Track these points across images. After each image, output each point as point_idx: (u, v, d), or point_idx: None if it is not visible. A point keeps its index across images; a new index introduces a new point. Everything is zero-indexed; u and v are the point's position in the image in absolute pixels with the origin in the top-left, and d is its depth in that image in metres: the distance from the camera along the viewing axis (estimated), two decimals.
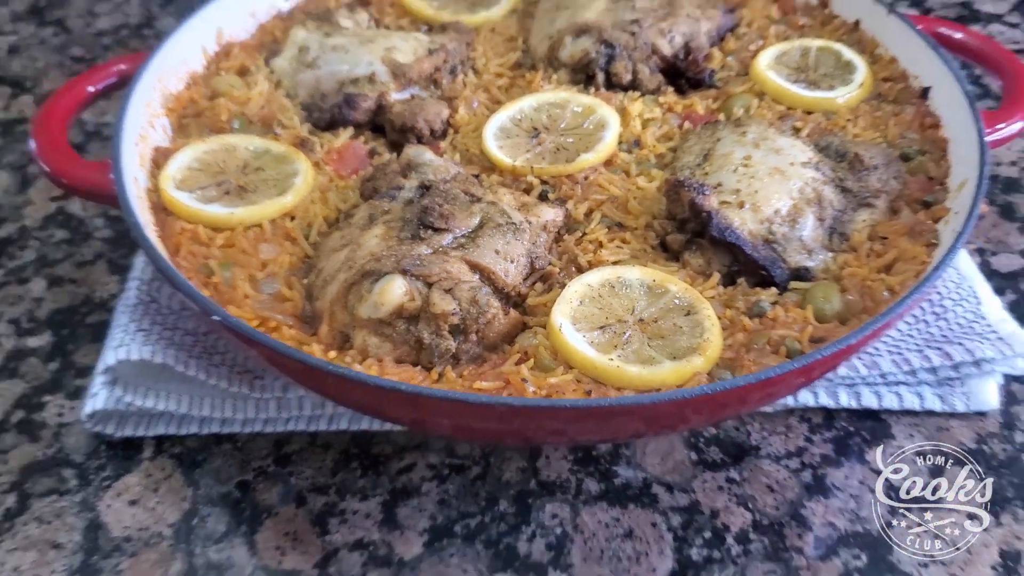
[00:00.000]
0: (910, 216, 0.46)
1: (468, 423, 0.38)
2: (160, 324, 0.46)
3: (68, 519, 0.42)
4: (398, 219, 0.42)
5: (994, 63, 0.55)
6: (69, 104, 0.48)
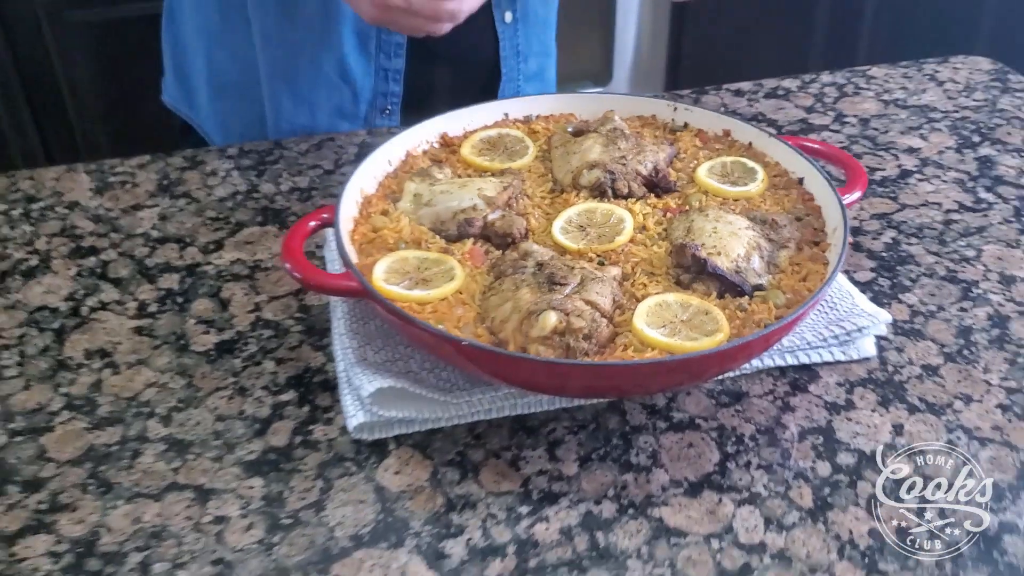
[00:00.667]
0: (809, 251, 0.79)
1: (609, 383, 0.68)
2: (378, 369, 0.74)
3: (361, 487, 0.68)
4: (534, 282, 0.72)
5: (835, 159, 0.90)
6: (300, 236, 0.76)
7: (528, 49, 1.16)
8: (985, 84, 1.20)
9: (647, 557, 0.63)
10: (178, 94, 1.20)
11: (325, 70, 1.07)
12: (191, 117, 1.20)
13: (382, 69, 1.09)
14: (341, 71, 1.08)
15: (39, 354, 0.80)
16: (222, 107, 1.15)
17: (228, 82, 1.13)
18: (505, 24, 1.12)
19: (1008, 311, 0.84)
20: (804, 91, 1.18)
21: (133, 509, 0.66)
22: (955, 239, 0.93)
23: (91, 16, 2.22)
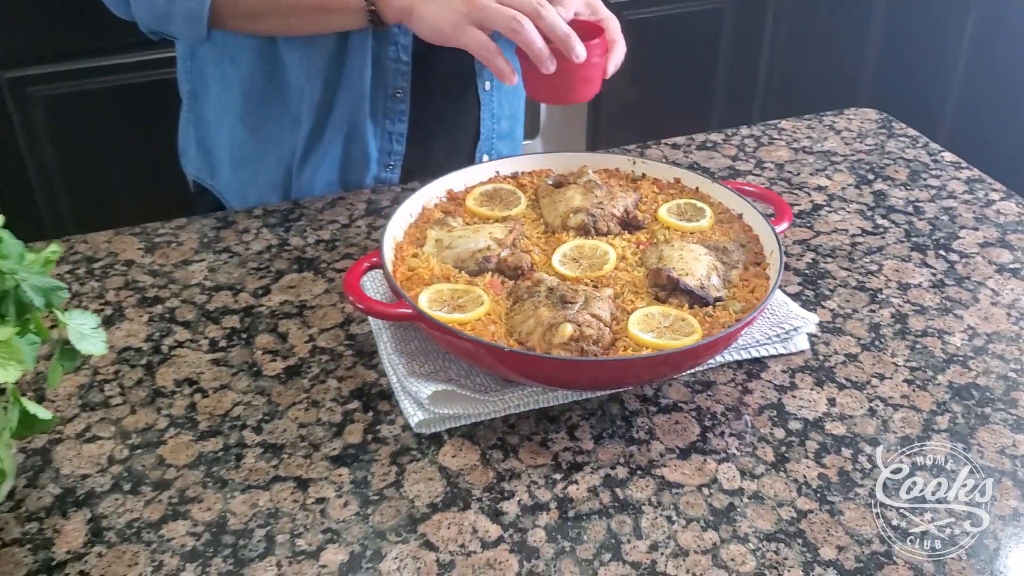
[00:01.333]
0: (754, 270, 1.01)
1: (615, 376, 0.88)
2: (428, 378, 0.93)
3: (428, 469, 0.86)
4: (549, 302, 0.92)
5: (765, 198, 1.13)
6: (357, 276, 0.94)
7: (501, 112, 1.38)
8: (874, 131, 1.46)
9: (656, 503, 0.83)
10: (200, 164, 1.38)
11: (344, 133, 1.27)
12: (212, 185, 1.37)
13: (387, 132, 1.29)
14: (355, 132, 1.28)
15: (136, 385, 0.96)
16: (242, 176, 1.33)
17: (247, 154, 1.31)
18: (485, 91, 1.33)
19: (906, 310, 1.07)
20: (728, 143, 1.42)
21: (248, 498, 0.84)
22: (861, 257, 1.16)
23: (54, 90, 2.34)
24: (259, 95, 1.21)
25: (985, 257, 1.16)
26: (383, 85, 1.25)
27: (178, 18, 1.09)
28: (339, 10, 1.06)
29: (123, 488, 0.84)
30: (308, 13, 1.08)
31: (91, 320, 0.77)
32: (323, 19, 1.09)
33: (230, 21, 1.10)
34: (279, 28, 1.14)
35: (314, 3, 1.07)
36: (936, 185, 1.31)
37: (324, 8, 1.06)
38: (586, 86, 1.08)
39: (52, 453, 0.88)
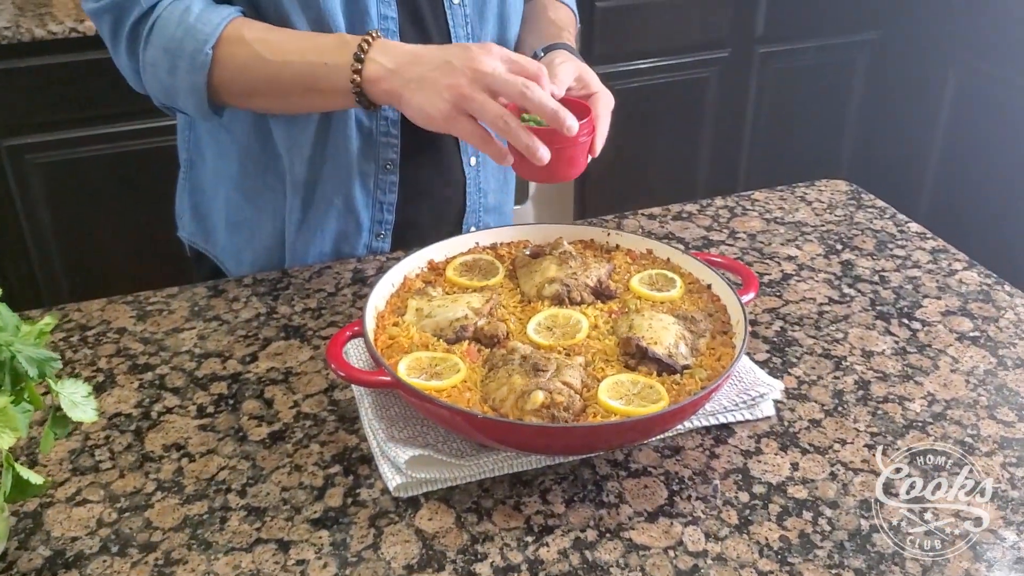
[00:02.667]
0: (721, 338, 1.05)
1: (585, 442, 0.92)
2: (406, 443, 0.96)
3: (405, 532, 0.90)
4: (522, 370, 0.96)
5: (733, 268, 1.18)
6: (339, 345, 0.99)
7: (487, 187, 1.43)
8: (844, 202, 1.51)
9: (623, 565, 0.87)
10: (195, 229, 1.43)
11: (336, 204, 1.32)
12: (208, 250, 1.42)
13: (379, 203, 1.34)
14: (348, 204, 1.32)
15: (125, 450, 1.00)
16: (237, 241, 1.38)
17: (243, 220, 1.36)
18: (471, 167, 1.39)
19: (869, 377, 1.11)
20: (703, 213, 1.47)
21: (232, 559, 0.87)
22: (827, 325, 1.21)
23: (51, 158, 2.40)
24: (254, 163, 1.25)
25: (946, 325, 1.20)
26: (374, 158, 1.30)
27: (181, 92, 1.11)
28: (330, 91, 1.07)
29: (111, 550, 0.88)
30: (301, 94, 1.10)
31: (82, 389, 0.81)
32: (317, 99, 1.10)
33: (231, 98, 1.13)
34: (278, 107, 1.17)
35: (305, 84, 1.08)
36: (901, 255, 1.36)
37: (316, 89, 1.07)
38: (570, 167, 1.11)
39: (43, 516, 0.91)
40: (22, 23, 2.24)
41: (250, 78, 1.10)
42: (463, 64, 0.97)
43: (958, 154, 2.89)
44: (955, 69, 2.86)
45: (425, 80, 0.99)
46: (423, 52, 1.02)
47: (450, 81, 0.97)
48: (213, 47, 1.07)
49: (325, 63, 1.05)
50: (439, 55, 1.00)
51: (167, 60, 1.09)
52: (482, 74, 0.97)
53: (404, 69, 1.01)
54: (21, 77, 2.29)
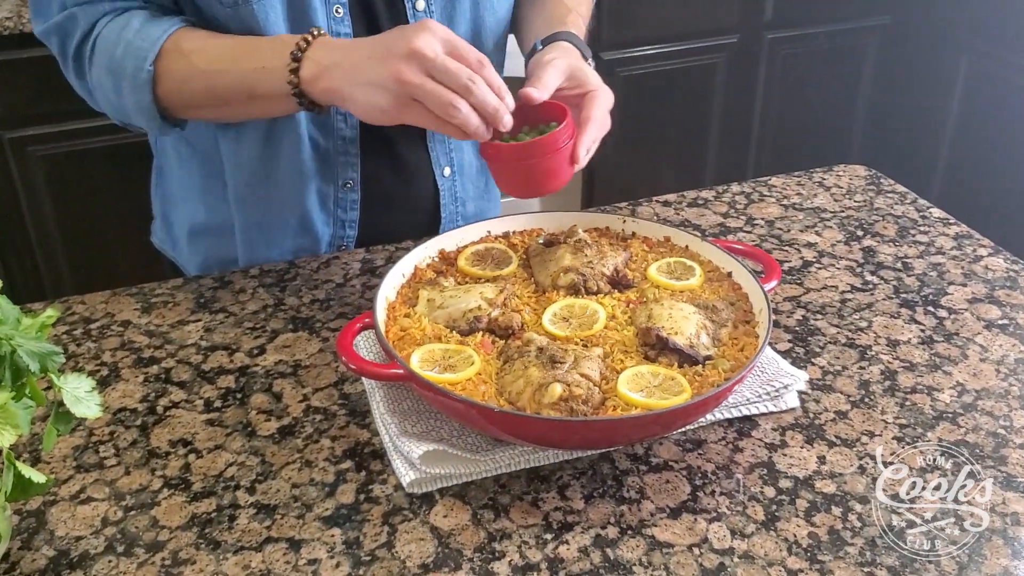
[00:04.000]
0: (743, 328, 1.02)
1: (605, 436, 0.89)
2: (419, 437, 0.93)
3: (419, 529, 0.87)
4: (539, 362, 0.93)
5: (754, 256, 1.15)
6: (350, 337, 0.96)
7: (465, 195, 1.39)
8: (863, 188, 1.48)
9: (647, 564, 0.83)
10: (164, 237, 1.40)
11: (291, 223, 1.28)
12: (175, 258, 1.39)
13: (339, 220, 1.30)
14: (304, 223, 1.29)
15: (130, 446, 0.97)
16: (200, 249, 1.29)
17: (205, 229, 1.27)
18: (444, 177, 1.29)
19: (895, 367, 1.08)
20: (719, 200, 1.44)
21: (241, 559, 0.84)
22: (850, 314, 1.17)
23: (54, 150, 2.37)
24: (215, 176, 1.21)
25: (974, 313, 1.17)
26: (332, 178, 1.22)
27: (131, 111, 1.07)
28: (270, 96, 1.00)
29: (116, 550, 0.85)
30: (243, 102, 1.04)
31: (86, 383, 0.78)
32: (260, 106, 1.04)
33: (180, 111, 1.08)
34: (224, 116, 1.12)
35: (244, 91, 1.02)
36: (924, 241, 1.33)
37: (256, 96, 1.01)
38: (550, 178, 1.02)
39: (47, 515, 0.88)
40: (24, 13, 2.21)
41: (189, 91, 1.05)
42: (400, 47, 0.89)
43: (970, 141, 2.85)
44: (967, 55, 2.82)
45: (362, 71, 0.92)
46: (359, 42, 0.96)
47: (389, 69, 0.89)
48: (153, 63, 1.02)
49: (263, 67, 0.99)
50: (374, 41, 0.94)
51: (110, 80, 1.05)
52: (421, 56, 0.89)
53: (340, 63, 0.94)
54: (24, 68, 2.26)
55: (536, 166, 1.02)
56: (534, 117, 1.06)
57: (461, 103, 0.90)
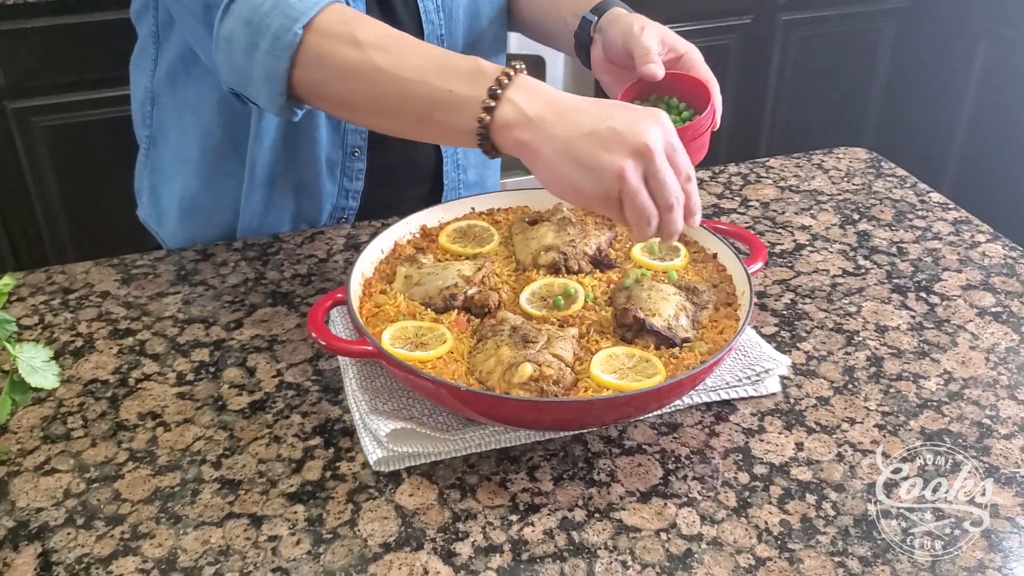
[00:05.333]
0: (724, 310, 1.00)
1: (574, 417, 0.87)
2: (389, 415, 0.92)
3: (384, 507, 0.85)
4: (511, 342, 0.91)
5: (741, 237, 1.12)
6: (321, 312, 0.94)
7: (467, 162, 1.37)
8: (862, 171, 1.45)
9: (612, 548, 0.82)
10: (150, 211, 1.38)
11: (298, 188, 1.27)
12: (158, 233, 1.31)
13: (344, 189, 1.28)
14: (311, 189, 1.27)
15: (99, 418, 0.96)
16: (190, 226, 1.27)
17: (198, 205, 1.25)
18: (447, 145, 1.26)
19: (882, 353, 1.05)
20: (715, 180, 1.41)
21: (201, 534, 0.83)
22: (840, 298, 1.15)
23: (58, 120, 2.36)
24: (215, 149, 1.19)
25: (967, 300, 1.14)
26: (341, 145, 1.21)
27: (258, 77, 0.91)
28: (448, 126, 0.86)
29: (76, 522, 0.84)
30: (413, 122, 0.89)
31: (43, 353, 0.77)
32: (430, 131, 0.91)
33: (318, 101, 0.94)
34: (380, 128, 0.99)
35: (420, 111, 0.87)
36: (922, 226, 1.30)
37: (431, 120, 0.87)
38: (699, 153, 1.03)
39: (9, 485, 0.88)
40: None
41: (351, 88, 0.89)
42: (630, 137, 0.79)
43: (986, 126, 2.80)
44: (985, 40, 2.76)
45: (579, 148, 0.80)
46: (574, 106, 0.82)
47: (614, 161, 0.78)
48: (304, 27, 0.87)
49: (451, 90, 0.84)
50: (595, 115, 0.81)
51: (246, 36, 0.90)
52: (648, 157, 0.79)
53: (548, 122, 0.81)
54: (28, 38, 2.25)
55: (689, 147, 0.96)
56: (649, 89, 1.07)
57: (654, 222, 0.82)
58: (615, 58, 1.11)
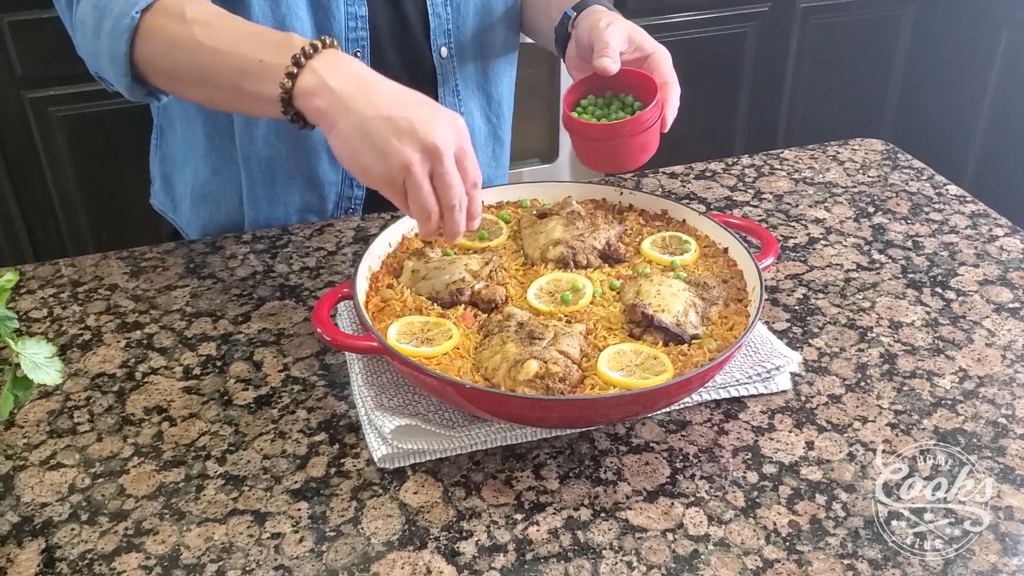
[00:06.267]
0: (735, 306, 0.99)
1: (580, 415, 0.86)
2: (394, 412, 0.91)
3: (388, 505, 0.85)
4: (517, 338, 0.90)
5: (752, 231, 1.11)
6: (327, 308, 0.93)
7: (475, 140, 1.36)
8: (878, 163, 1.43)
9: (617, 548, 0.81)
10: (164, 198, 1.39)
11: (300, 180, 1.26)
12: (175, 220, 1.33)
13: (348, 178, 1.28)
14: (313, 180, 1.27)
15: (105, 412, 0.96)
16: (202, 213, 1.28)
17: (208, 192, 1.25)
18: None
19: (896, 350, 1.04)
20: (728, 172, 1.40)
21: (204, 531, 0.83)
22: (854, 293, 1.13)
23: (75, 110, 2.36)
24: (220, 136, 1.19)
25: (983, 296, 1.12)
26: None
27: (105, 59, 0.96)
28: (256, 95, 0.90)
29: (80, 518, 0.84)
30: (228, 90, 0.93)
31: (45, 349, 0.77)
32: (243, 101, 0.93)
33: (155, 78, 0.98)
34: (203, 99, 1.01)
35: (232, 79, 0.91)
36: (938, 219, 1.28)
37: (241, 89, 0.91)
38: (641, 153, 1.03)
39: (15, 480, 0.88)
40: None
41: (176, 60, 0.94)
42: (421, 133, 0.83)
43: (1008, 117, 2.76)
44: (1008, 26, 2.72)
45: (372, 129, 0.84)
46: (377, 87, 0.86)
47: (402, 153, 0.83)
48: (142, 11, 0.93)
49: (260, 60, 0.88)
50: (396, 101, 0.85)
51: (93, 18, 0.96)
52: (436, 156, 0.84)
53: (349, 96, 0.85)
54: (44, 28, 2.25)
55: (628, 143, 1.00)
56: (604, 85, 1.08)
57: (435, 218, 0.87)
58: (582, 53, 1.11)
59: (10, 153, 2.33)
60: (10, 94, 2.27)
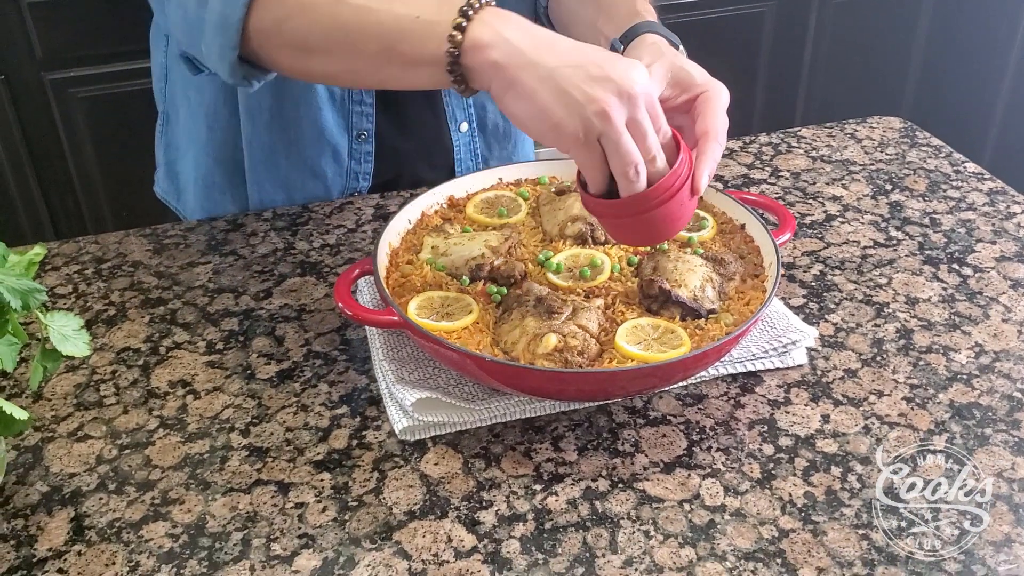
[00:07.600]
0: (751, 282, 0.99)
1: (599, 388, 0.88)
2: (415, 385, 0.92)
3: (409, 476, 0.86)
4: (536, 313, 0.92)
5: (769, 207, 1.11)
6: (347, 283, 0.95)
7: (488, 153, 1.35)
8: (896, 140, 1.43)
9: (635, 518, 0.82)
10: (167, 187, 1.39)
11: (302, 169, 1.27)
12: (178, 209, 1.32)
13: (353, 172, 1.28)
14: (317, 174, 1.27)
15: (130, 385, 0.98)
16: (207, 203, 1.28)
17: (212, 183, 1.25)
18: (461, 133, 1.26)
19: (912, 325, 1.04)
20: (745, 150, 1.40)
21: (229, 500, 0.84)
22: (870, 270, 1.14)
23: (96, 92, 2.38)
24: (223, 128, 1.18)
25: (1000, 272, 1.12)
26: (346, 128, 1.20)
27: (209, 27, 0.85)
28: (415, 57, 0.78)
29: (108, 488, 0.86)
30: (377, 54, 0.80)
31: (74, 322, 0.78)
32: (395, 66, 0.81)
33: (273, 51, 0.86)
34: (343, 70, 0.88)
35: (385, 41, 0.79)
36: (956, 196, 1.28)
37: (396, 51, 0.79)
38: (671, 224, 0.86)
39: (43, 451, 0.90)
40: None
41: (308, 25, 0.81)
42: (618, 75, 0.72)
43: None
44: None
45: (561, 75, 0.72)
46: (555, 37, 0.76)
47: (597, 94, 0.71)
48: None
49: (417, 16, 0.76)
50: (579, 51, 0.75)
51: None
52: (634, 101, 0.73)
53: (529, 47, 0.73)
54: (65, 9, 2.26)
55: (653, 216, 0.82)
56: None
57: (643, 170, 0.76)
58: None
59: (31, 134, 2.35)
60: (31, 75, 2.29)
